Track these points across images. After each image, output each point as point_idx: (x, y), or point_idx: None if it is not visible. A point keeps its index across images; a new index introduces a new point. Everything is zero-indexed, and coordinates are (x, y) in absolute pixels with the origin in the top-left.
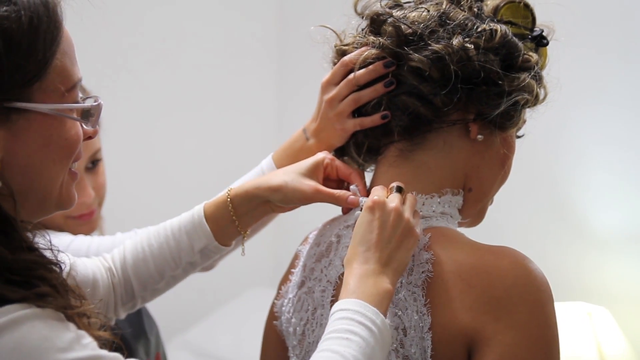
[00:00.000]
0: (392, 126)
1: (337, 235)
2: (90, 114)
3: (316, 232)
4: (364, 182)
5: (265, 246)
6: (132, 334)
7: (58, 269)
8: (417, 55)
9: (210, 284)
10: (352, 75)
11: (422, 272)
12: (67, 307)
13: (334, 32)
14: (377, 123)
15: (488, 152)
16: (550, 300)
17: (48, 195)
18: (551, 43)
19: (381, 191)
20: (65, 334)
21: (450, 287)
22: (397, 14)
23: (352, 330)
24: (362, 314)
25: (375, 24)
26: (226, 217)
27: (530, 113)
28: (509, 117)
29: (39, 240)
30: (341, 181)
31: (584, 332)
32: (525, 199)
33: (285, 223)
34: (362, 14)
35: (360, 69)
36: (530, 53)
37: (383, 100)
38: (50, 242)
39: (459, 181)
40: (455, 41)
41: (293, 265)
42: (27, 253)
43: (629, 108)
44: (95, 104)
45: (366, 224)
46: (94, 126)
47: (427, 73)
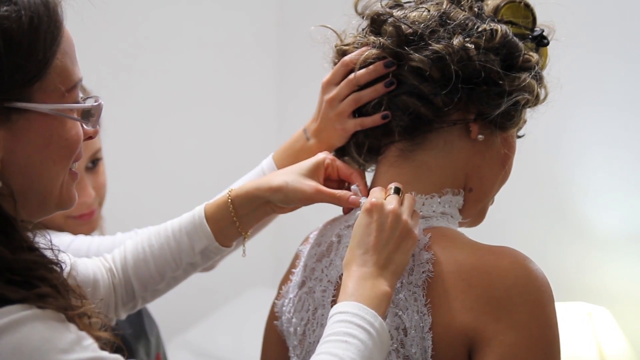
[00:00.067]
0: (393, 126)
1: (338, 235)
2: (90, 114)
3: (317, 232)
4: (365, 182)
5: (266, 246)
6: (133, 335)
7: (59, 269)
8: (418, 55)
9: (210, 284)
10: (352, 75)
11: (423, 272)
12: (68, 308)
13: (335, 32)
14: (378, 123)
15: (489, 152)
16: (551, 300)
17: (48, 195)
18: (551, 43)
19: (379, 193)
20: (66, 335)
21: (450, 287)
22: (398, 13)
23: (351, 333)
24: (360, 317)
25: (376, 24)
26: (227, 218)
27: (530, 113)
28: (509, 117)
29: (39, 240)
30: (342, 181)
31: (584, 332)
32: (526, 199)
33: (286, 223)
34: (363, 14)
35: (360, 69)
36: (530, 53)
37: (383, 100)
38: (51, 241)
39: (459, 181)
40: (456, 41)
41: (294, 265)
42: (27, 253)
43: (630, 108)
44: (95, 104)
45: (364, 226)
46: (95, 126)
47: (427, 73)
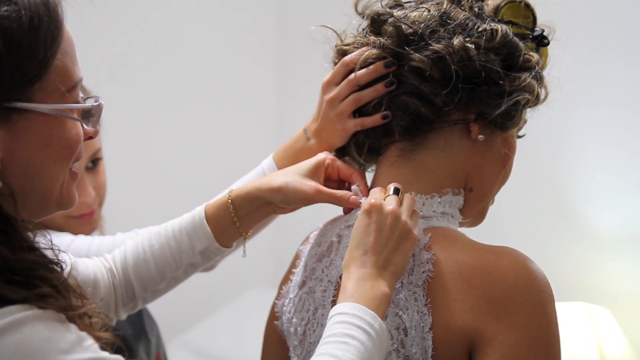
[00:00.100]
0: (393, 126)
1: (338, 235)
2: (90, 114)
3: (317, 232)
4: (366, 182)
5: (266, 246)
6: (133, 335)
7: (59, 269)
8: (418, 55)
9: (210, 284)
10: (352, 75)
11: (423, 272)
12: (69, 308)
13: (335, 32)
14: (378, 123)
15: (489, 152)
16: (551, 300)
17: (48, 195)
18: (552, 43)
19: (379, 193)
20: (67, 336)
21: (451, 287)
22: (398, 13)
23: (351, 334)
24: (360, 318)
25: (376, 24)
26: (227, 219)
27: (531, 113)
28: (509, 117)
29: (39, 240)
30: (342, 181)
31: (585, 332)
32: (526, 199)
33: (286, 223)
34: (363, 14)
35: (361, 69)
36: (531, 53)
37: (384, 100)
38: (51, 241)
39: (460, 181)
40: (456, 41)
41: (294, 265)
42: (28, 253)
43: (630, 108)
44: (95, 104)
45: (363, 227)
46: (95, 126)
47: (427, 73)
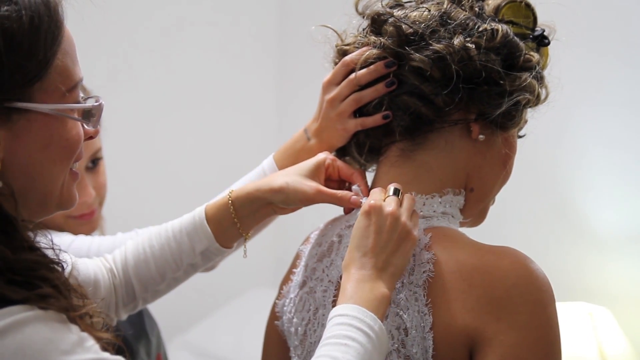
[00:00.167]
0: (394, 126)
1: (339, 235)
2: (91, 114)
3: (318, 232)
4: (366, 182)
5: (267, 246)
6: (133, 335)
7: (60, 269)
8: (418, 55)
9: (211, 284)
10: (353, 75)
11: (423, 272)
12: (70, 309)
13: (335, 31)
14: (379, 123)
15: (489, 152)
16: (551, 300)
17: (49, 195)
18: (552, 43)
19: (378, 194)
20: (69, 337)
21: (451, 287)
22: (398, 13)
23: (351, 336)
24: (360, 320)
25: (376, 24)
26: (227, 219)
27: (531, 113)
28: (510, 117)
29: (40, 240)
30: (343, 181)
31: (585, 332)
32: (527, 199)
33: (287, 223)
34: (363, 14)
35: (361, 69)
36: (531, 53)
37: (384, 100)
38: (52, 241)
39: (460, 181)
40: (457, 41)
41: (294, 265)
42: (28, 253)
43: (630, 108)
44: (96, 104)
45: (362, 229)
46: (95, 126)
47: (428, 73)
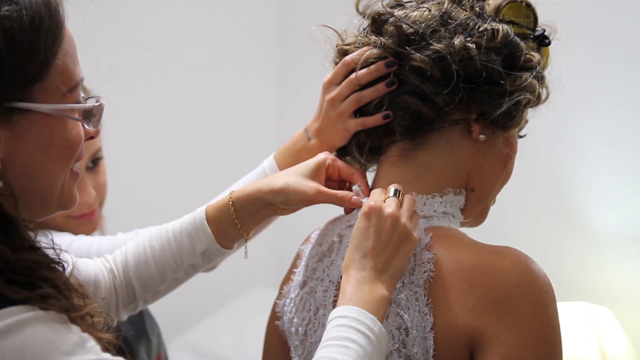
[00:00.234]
0: (394, 126)
1: (339, 234)
2: (92, 114)
3: (318, 232)
4: (367, 182)
5: (267, 246)
6: (134, 335)
7: (61, 269)
8: (419, 54)
9: (211, 284)
10: (353, 75)
11: (424, 271)
12: (70, 309)
13: (336, 31)
14: (379, 123)
15: (490, 152)
16: (552, 300)
17: (49, 195)
18: (553, 43)
19: (379, 195)
20: (69, 337)
21: (452, 287)
22: (399, 13)
23: (350, 337)
24: (360, 322)
25: (377, 24)
26: (228, 220)
27: (532, 113)
28: (510, 117)
29: (41, 240)
30: (343, 181)
31: (586, 332)
32: (528, 199)
33: (287, 223)
34: (364, 14)
35: (361, 68)
36: (532, 53)
37: (385, 100)
38: (53, 240)
39: (461, 181)
40: (457, 41)
41: (295, 265)
42: (29, 252)
43: (631, 108)
44: (97, 104)
45: (362, 230)
46: (96, 126)
47: (428, 73)
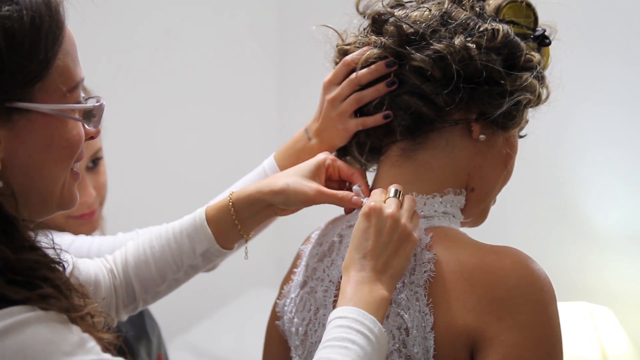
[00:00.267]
0: (394, 126)
1: (340, 234)
2: (92, 114)
3: (319, 232)
4: (367, 182)
5: (267, 246)
6: (134, 335)
7: (61, 269)
8: (419, 54)
9: (212, 284)
10: (354, 75)
11: (424, 271)
12: (71, 309)
13: (336, 31)
14: (379, 123)
15: (490, 152)
16: (553, 300)
17: (50, 196)
18: (553, 43)
19: (379, 195)
20: (70, 338)
21: (452, 287)
22: (399, 13)
23: (350, 338)
24: (360, 322)
25: (377, 24)
26: (228, 221)
27: (532, 113)
28: (511, 116)
29: (41, 239)
30: (343, 181)
31: (587, 332)
32: (528, 199)
33: (288, 223)
34: (364, 14)
35: (362, 68)
36: (532, 53)
37: (385, 99)
38: (53, 240)
39: (461, 181)
40: (457, 41)
41: (295, 265)
42: (29, 252)
43: (631, 108)
44: (97, 104)
45: (362, 230)
46: (97, 126)
47: (429, 72)
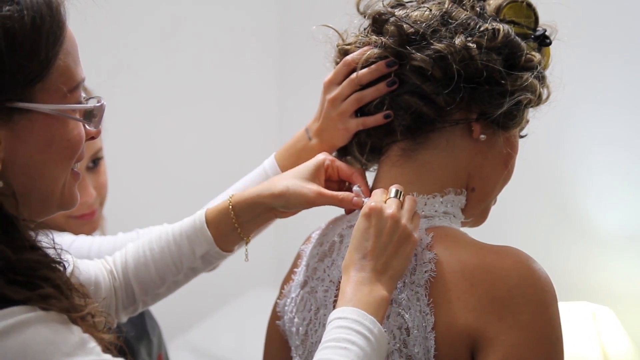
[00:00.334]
0: (395, 126)
1: (340, 234)
2: (93, 115)
3: (319, 232)
4: (366, 182)
5: (268, 246)
6: (135, 336)
7: (62, 268)
8: (420, 54)
9: (212, 284)
10: (354, 75)
11: (425, 271)
12: (71, 310)
13: (336, 31)
14: (380, 122)
15: (491, 152)
16: (554, 300)
17: (50, 196)
18: (554, 43)
19: (380, 196)
20: (70, 338)
21: (453, 286)
22: (400, 13)
23: (350, 339)
24: (360, 323)
25: (378, 24)
26: (228, 224)
27: (533, 113)
28: (511, 116)
29: (41, 239)
30: (342, 182)
31: (588, 332)
32: (529, 199)
33: (288, 223)
34: (365, 13)
35: (362, 68)
36: (533, 53)
37: (386, 99)
38: (54, 240)
39: (462, 181)
40: (458, 40)
41: (296, 265)
42: (30, 252)
43: (632, 108)
44: (98, 104)
45: (362, 231)
46: (97, 127)
47: (429, 72)
